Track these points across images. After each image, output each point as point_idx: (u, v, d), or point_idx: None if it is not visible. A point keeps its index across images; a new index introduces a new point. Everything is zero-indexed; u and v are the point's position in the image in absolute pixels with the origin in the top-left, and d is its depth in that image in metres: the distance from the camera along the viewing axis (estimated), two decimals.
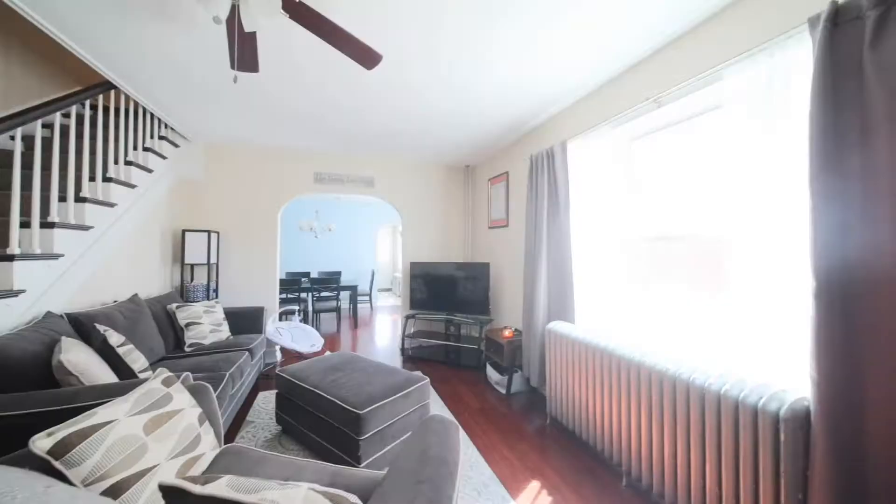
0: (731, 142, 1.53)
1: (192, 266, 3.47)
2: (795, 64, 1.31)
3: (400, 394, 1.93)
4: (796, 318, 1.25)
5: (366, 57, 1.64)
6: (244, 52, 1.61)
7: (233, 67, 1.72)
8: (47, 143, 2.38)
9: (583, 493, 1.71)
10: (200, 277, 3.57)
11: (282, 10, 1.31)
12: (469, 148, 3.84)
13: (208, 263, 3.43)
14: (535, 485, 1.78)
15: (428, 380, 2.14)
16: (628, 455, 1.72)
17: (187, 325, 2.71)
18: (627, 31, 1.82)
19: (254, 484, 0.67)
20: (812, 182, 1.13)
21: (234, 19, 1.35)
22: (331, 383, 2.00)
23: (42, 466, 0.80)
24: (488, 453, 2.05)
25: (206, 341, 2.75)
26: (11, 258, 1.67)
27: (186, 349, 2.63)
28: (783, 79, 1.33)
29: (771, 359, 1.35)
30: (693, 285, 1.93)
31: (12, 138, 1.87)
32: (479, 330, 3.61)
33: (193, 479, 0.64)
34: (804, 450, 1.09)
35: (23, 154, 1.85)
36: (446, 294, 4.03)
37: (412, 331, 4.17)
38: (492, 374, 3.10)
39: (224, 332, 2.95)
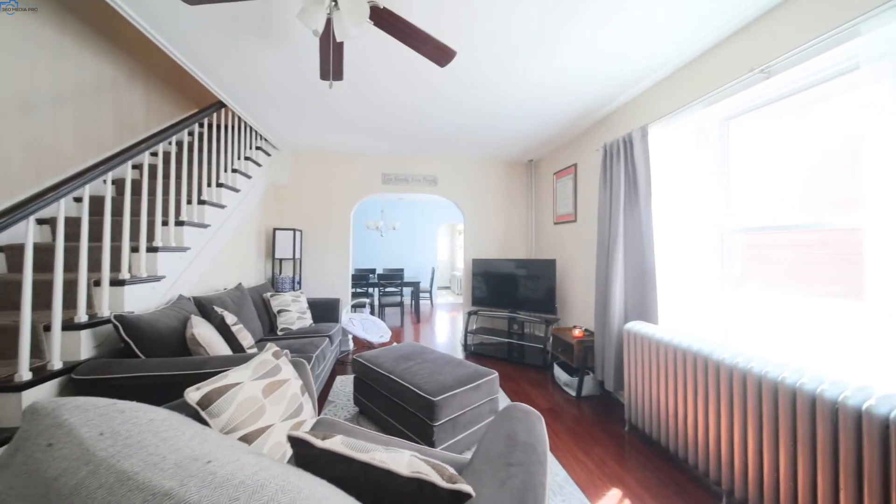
0: (868, 111, 1.27)
1: (281, 260, 3.91)
2: None
3: (470, 385, 1.95)
4: None
5: (440, 55, 1.68)
6: (335, 62, 1.76)
7: (324, 78, 1.89)
8: (175, 157, 2.87)
9: None
10: (287, 270, 4.00)
11: (369, 19, 1.41)
12: (533, 141, 3.74)
13: (293, 258, 3.83)
14: (615, 492, 1.67)
15: (496, 374, 2.13)
16: (729, 474, 1.52)
17: (279, 311, 3.05)
18: None
19: (363, 445, 0.73)
20: None
21: (327, 32, 1.49)
22: (404, 370, 2.10)
23: (191, 414, 0.97)
24: (561, 455, 1.97)
25: (294, 327, 3.07)
26: (156, 250, 2.05)
27: (279, 332, 2.97)
28: None
29: None
30: (805, 281, 1.64)
31: (154, 154, 2.29)
32: (545, 329, 3.49)
33: (314, 434, 0.72)
34: None
35: (152, 167, 2.26)
36: (509, 291, 3.98)
37: (474, 327, 4.19)
38: (560, 374, 2.98)
39: (308, 320, 3.27)
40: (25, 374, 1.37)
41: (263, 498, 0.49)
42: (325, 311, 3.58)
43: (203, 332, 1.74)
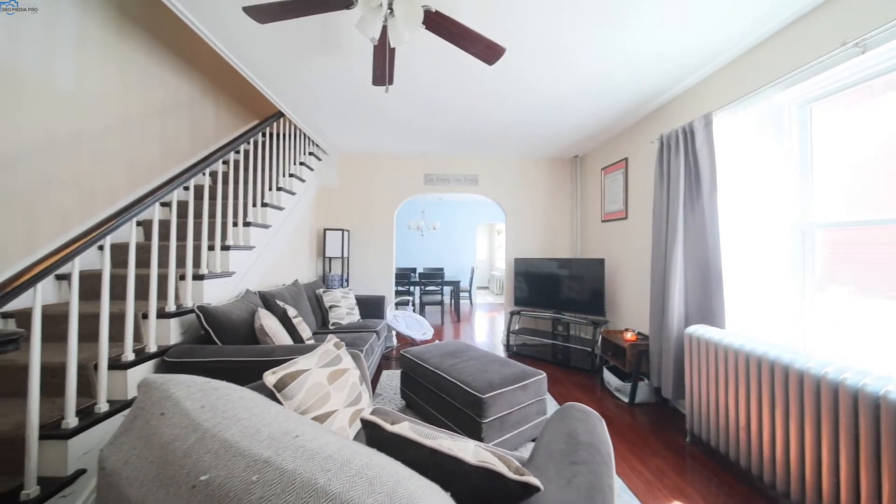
0: None
1: (331, 259, 4.13)
2: None
3: (518, 384, 1.93)
4: None
5: (490, 53, 1.69)
6: (389, 67, 1.83)
7: (376, 83, 1.98)
8: (242, 165, 3.15)
9: None
10: (336, 268, 4.22)
11: (422, 23, 1.45)
12: (579, 136, 3.60)
13: (342, 257, 4.03)
14: None
15: (544, 375, 2.09)
16: (816, 499, 1.36)
17: (330, 307, 3.23)
18: None
19: (429, 432, 0.75)
20: None
21: (383, 39, 1.55)
22: (450, 367, 2.13)
23: (268, 395, 1.06)
24: (616, 462, 1.88)
25: (344, 322, 3.24)
26: (228, 248, 2.27)
27: (330, 327, 3.14)
28: None
29: None
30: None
31: (225, 162, 2.53)
32: (593, 331, 3.35)
33: (384, 419, 0.76)
34: None
35: (224, 174, 2.49)
36: (553, 291, 3.87)
37: (516, 327, 4.13)
38: (610, 379, 2.84)
39: (356, 316, 3.43)
40: (129, 355, 1.58)
41: (351, 471, 0.53)
42: (371, 307, 3.72)
43: (269, 323, 1.89)
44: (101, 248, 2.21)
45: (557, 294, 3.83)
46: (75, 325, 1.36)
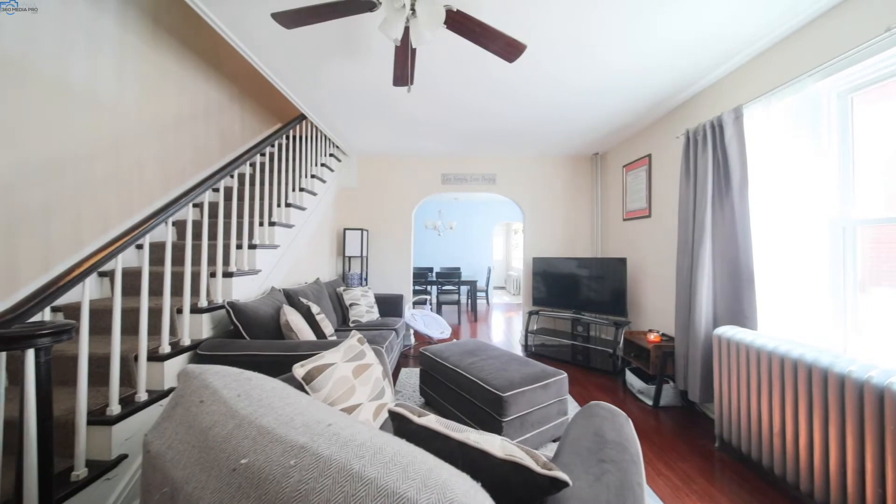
0: None
1: (350, 258, 4.21)
2: None
3: (539, 384, 1.91)
4: None
5: (510, 50, 1.68)
6: (410, 67, 1.85)
7: (397, 84, 2.01)
8: (267, 167, 3.26)
9: None
10: (355, 267, 4.30)
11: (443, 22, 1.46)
12: (600, 133, 3.53)
13: (361, 256, 4.10)
14: None
15: (565, 375, 2.06)
16: None
17: (350, 305, 3.30)
18: None
19: (456, 425, 0.76)
20: None
21: (405, 40, 1.58)
22: (469, 365, 2.13)
23: (297, 387, 1.10)
24: None
25: (363, 319, 3.29)
26: (255, 247, 2.35)
27: (350, 324, 3.21)
28: None
29: None
30: None
31: (251, 165, 2.63)
32: (615, 332, 3.28)
33: (412, 411, 0.78)
34: None
35: (250, 176, 2.58)
36: (572, 291, 3.81)
37: (535, 327, 4.09)
38: (633, 381, 2.77)
39: (375, 314, 3.48)
40: (166, 348, 1.67)
41: (385, 458, 0.55)
42: (389, 306, 3.77)
43: (294, 319, 1.95)
44: (138, 247, 2.34)
45: (577, 294, 3.77)
46: (118, 318, 1.45)
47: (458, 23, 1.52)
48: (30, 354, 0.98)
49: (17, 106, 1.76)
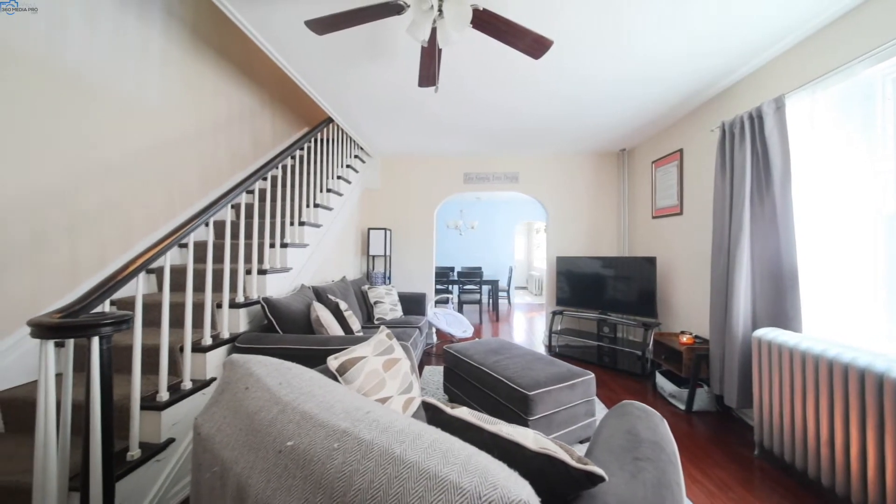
0: None
1: (374, 257, 4.30)
2: None
3: (565, 383, 1.89)
4: None
5: (537, 47, 1.67)
6: (436, 68, 1.88)
7: (422, 85, 2.04)
8: (294, 170, 3.39)
9: None
10: (379, 266, 4.38)
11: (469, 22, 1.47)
12: (627, 128, 3.43)
13: (385, 255, 4.18)
14: None
15: (593, 375, 2.02)
16: None
17: (375, 303, 3.37)
18: None
19: (488, 418, 0.77)
20: None
21: (432, 41, 1.60)
22: (494, 363, 2.13)
23: (331, 378, 1.14)
24: None
25: (387, 317, 3.35)
26: (286, 245, 2.45)
27: (375, 322, 3.28)
28: None
29: None
30: None
31: (283, 167, 2.73)
32: (644, 333, 3.18)
33: (444, 403, 0.79)
34: None
35: (281, 178, 2.68)
36: (598, 291, 3.72)
37: (558, 328, 4.02)
38: (664, 384, 2.68)
39: (398, 312, 3.54)
40: (208, 340, 1.77)
41: (424, 443, 0.57)
42: (412, 304, 3.82)
43: (324, 315, 2.02)
44: (181, 246, 2.49)
45: (603, 294, 3.68)
46: (167, 312, 1.55)
47: (485, 22, 1.53)
48: (95, 342, 1.08)
49: (79, 117, 1.92)
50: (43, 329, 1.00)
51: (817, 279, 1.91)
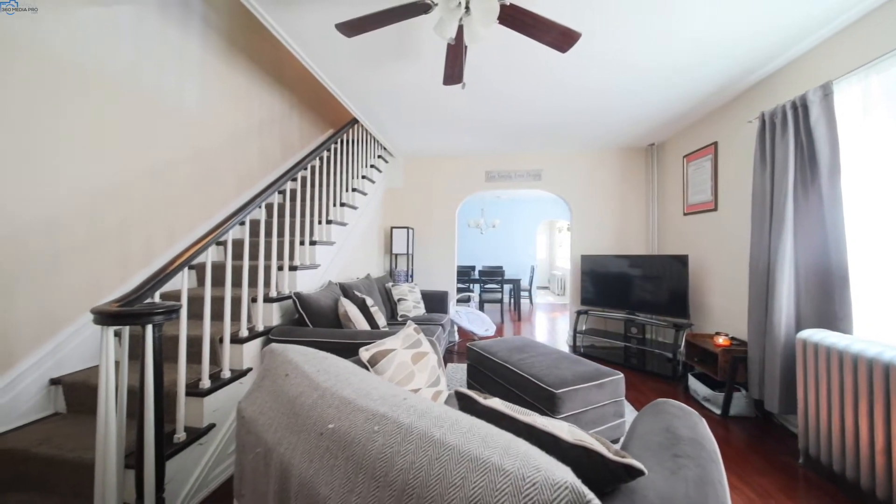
0: None
1: (397, 255, 4.36)
2: None
3: (593, 383, 1.85)
4: None
5: (564, 40, 1.65)
6: (462, 65, 1.89)
7: (447, 83, 2.05)
8: (321, 170, 3.49)
9: None
10: (402, 264, 4.44)
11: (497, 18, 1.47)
12: (656, 122, 3.31)
13: (408, 253, 4.23)
14: None
15: (622, 375, 1.97)
16: None
17: (399, 300, 3.42)
18: None
19: (521, 409, 0.78)
20: None
21: (459, 38, 1.61)
22: (519, 361, 2.11)
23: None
24: None
25: (411, 314, 3.40)
26: (315, 243, 2.54)
27: (398, 318, 3.32)
28: None
29: None
30: None
31: (310, 167, 2.82)
32: (675, 335, 3.06)
33: (477, 393, 0.80)
34: None
35: (309, 178, 2.77)
36: (625, 290, 3.61)
37: (583, 328, 3.94)
38: (697, 387, 2.57)
39: (421, 309, 3.57)
40: (244, 332, 1.86)
41: (462, 428, 0.58)
42: (435, 302, 3.84)
43: (352, 310, 2.08)
44: (219, 243, 2.62)
45: (630, 293, 3.57)
46: (209, 305, 1.65)
47: (512, 17, 1.53)
48: (148, 329, 1.16)
49: (133, 124, 2.07)
50: (105, 316, 1.08)
51: (869, 278, 1.78)
